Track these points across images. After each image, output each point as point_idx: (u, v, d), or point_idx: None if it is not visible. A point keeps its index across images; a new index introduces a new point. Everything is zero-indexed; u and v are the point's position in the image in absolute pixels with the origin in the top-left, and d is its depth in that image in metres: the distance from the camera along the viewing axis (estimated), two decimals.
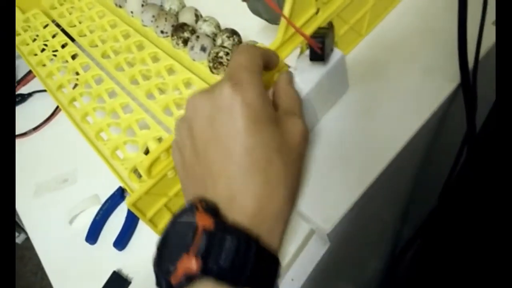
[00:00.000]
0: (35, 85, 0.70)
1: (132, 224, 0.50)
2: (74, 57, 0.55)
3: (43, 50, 0.58)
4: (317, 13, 0.39)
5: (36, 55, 0.58)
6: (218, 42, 0.45)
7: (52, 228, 0.54)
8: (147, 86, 0.45)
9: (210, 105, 0.23)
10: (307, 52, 0.38)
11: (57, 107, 0.65)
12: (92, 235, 0.50)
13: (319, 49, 0.35)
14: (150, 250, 0.47)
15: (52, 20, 0.63)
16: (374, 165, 0.38)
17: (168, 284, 0.21)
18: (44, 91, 0.67)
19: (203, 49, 0.44)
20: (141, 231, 0.50)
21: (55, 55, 0.56)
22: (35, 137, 0.64)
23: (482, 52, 0.40)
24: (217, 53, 0.43)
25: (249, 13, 0.43)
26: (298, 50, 0.39)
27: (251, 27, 0.49)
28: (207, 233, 0.20)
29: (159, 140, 0.41)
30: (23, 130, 0.64)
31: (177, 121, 0.27)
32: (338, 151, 0.40)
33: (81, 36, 0.56)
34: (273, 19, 0.41)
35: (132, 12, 0.53)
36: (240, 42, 0.45)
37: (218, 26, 0.47)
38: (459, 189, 0.54)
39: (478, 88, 0.42)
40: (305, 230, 0.40)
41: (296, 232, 0.41)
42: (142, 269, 0.47)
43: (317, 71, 0.37)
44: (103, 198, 0.53)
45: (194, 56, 0.45)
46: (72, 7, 0.61)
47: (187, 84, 0.45)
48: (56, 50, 0.57)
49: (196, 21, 0.49)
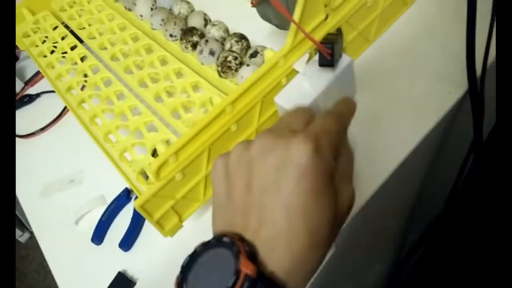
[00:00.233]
0: (43, 85, 0.70)
1: (138, 225, 0.50)
2: (83, 59, 0.55)
3: (52, 52, 0.58)
4: (326, 19, 0.39)
5: (45, 56, 0.58)
6: (227, 46, 0.45)
7: (58, 228, 0.54)
8: (156, 89, 0.46)
9: (283, 153, 0.24)
10: (316, 58, 0.38)
11: (65, 107, 0.65)
12: (98, 236, 0.51)
13: (328, 54, 0.35)
14: (155, 251, 0.48)
15: (62, 22, 0.63)
16: (381, 170, 0.38)
17: None
18: (52, 91, 0.67)
19: (211, 53, 0.45)
20: (147, 232, 0.50)
21: (64, 57, 0.57)
22: (43, 138, 0.64)
23: (490, 59, 0.40)
24: (225, 57, 0.43)
25: (258, 17, 0.43)
26: (307, 56, 0.40)
27: (260, 32, 0.49)
28: (249, 280, 0.21)
29: (167, 142, 0.41)
30: (31, 130, 0.65)
31: (239, 146, 0.26)
32: None
33: (90, 39, 0.57)
34: (282, 24, 0.41)
35: (141, 16, 0.54)
36: (248, 46, 0.45)
37: (227, 30, 0.48)
38: (465, 195, 0.54)
39: (486, 95, 0.42)
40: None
41: None
42: (147, 271, 0.47)
43: (325, 77, 0.38)
44: (109, 199, 0.54)
45: (202, 60, 0.45)
46: (82, 10, 0.62)
47: (195, 88, 0.45)
48: (65, 52, 0.57)
49: (205, 25, 0.49)
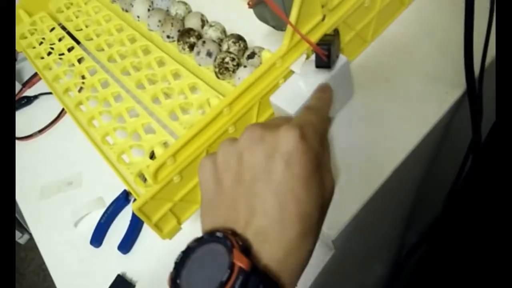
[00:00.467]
0: (41, 87, 0.70)
1: (137, 227, 0.50)
2: (80, 60, 0.55)
3: (49, 54, 0.58)
4: (323, 19, 0.39)
5: (42, 58, 0.58)
6: (224, 47, 0.45)
7: (57, 230, 0.54)
8: (153, 91, 0.46)
9: (271, 142, 0.24)
10: (312, 58, 0.38)
11: (63, 109, 0.65)
12: (97, 238, 0.51)
13: (325, 56, 0.35)
14: (154, 254, 0.48)
15: (59, 24, 0.63)
16: (379, 172, 0.38)
17: None
18: (50, 93, 0.67)
19: (209, 54, 0.45)
20: (146, 234, 0.50)
21: (61, 59, 0.56)
22: (41, 139, 0.64)
23: (488, 59, 0.40)
24: (223, 59, 0.43)
25: (255, 18, 0.43)
26: (304, 57, 0.39)
27: (257, 33, 0.49)
28: (243, 274, 0.21)
29: (164, 144, 0.41)
30: (29, 132, 0.65)
31: (225, 142, 0.26)
32: (342, 158, 0.40)
33: (87, 40, 0.56)
34: (279, 25, 0.41)
35: (138, 17, 0.53)
36: (246, 47, 0.45)
37: (224, 31, 0.48)
38: (465, 195, 0.54)
39: (484, 95, 0.42)
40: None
41: None
42: (146, 273, 0.47)
43: (322, 77, 0.37)
44: (108, 201, 0.54)
45: (200, 61, 0.45)
46: (79, 11, 0.62)
47: (193, 89, 0.45)
48: (63, 54, 0.57)
49: (202, 26, 0.49)
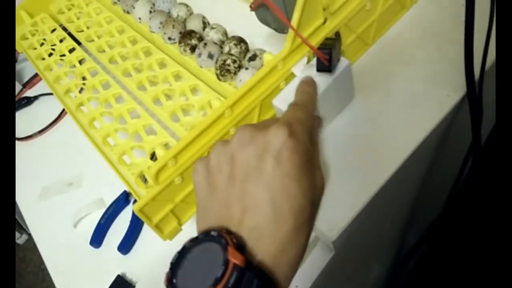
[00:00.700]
0: (41, 88, 0.70)
1: (137, 228, 0.50)
2: (81, 62, 0.55)
3: (50, 55, 0.58)
4: (324, 22, 0.39)
5: (43, 59, 0.58)
6: (226, 49, 0.45)
7: (57, 231, 0.54)
8: (154, 92, 0.46)
9: (261, 142, 0.25)
10: (314, 61, 0.38)
11: (63, 110, 0.65)
12: (97, 239, 0.51)
13: (326, 60, 0.35)
14: (154, 254, 0.48)
15: (60, 25, 0.63)
16: (380, 173, 0.38)
17: None
18: (50, 94, 0.67)
19: (210, 56, 0.45)
20: (146, 235, 0.50)
21: (62, 60, 0.56)
22: (41, 140, 0.64)
23: (488, 62, 0.40)
24: (224, 61, 0.43)
25: (256, 21, 0.43)
26: (306, 59, 0.40)
27: (258, 35, 0.49)
28: (237, 270, 0.21)
29: (166, 146, 0.41)
30: (29, 133, 0.65)
31: (217, 144, 0.27)
32: (343, 160, 0.40)
33: (88, 41, 0.56)
34: (281, 28, 0.41)
35: (140, 19, 0.54)
36: (247, 50, 0.45)
37: (225, 33, 0.48)
38: (464, 197, 0.54)
39: (484, 98, 0.42)
40: (310, 238, 0.41)
41: None
42: (146, 274, 0.47)
43: (323, 80, 0.38)
44: (108, 202, 0.54)
45: (201, 63, 0.45)
46: (80, 12, 0.62)
47: (194, 91, 0.45)
48: (64, 55, 0.57)
49: (204, 28, 0.49)
